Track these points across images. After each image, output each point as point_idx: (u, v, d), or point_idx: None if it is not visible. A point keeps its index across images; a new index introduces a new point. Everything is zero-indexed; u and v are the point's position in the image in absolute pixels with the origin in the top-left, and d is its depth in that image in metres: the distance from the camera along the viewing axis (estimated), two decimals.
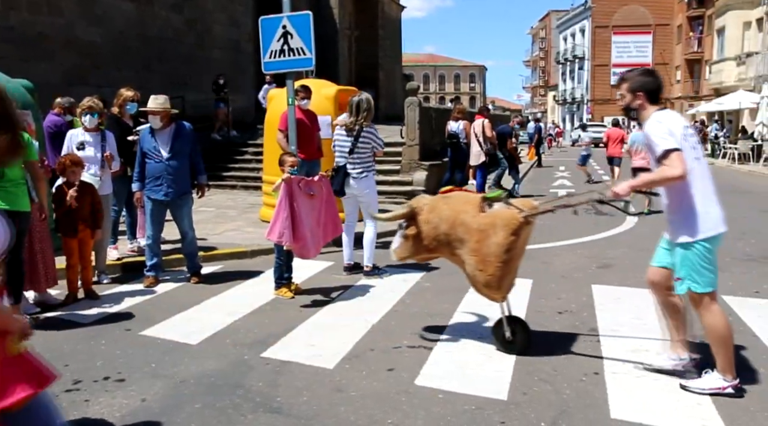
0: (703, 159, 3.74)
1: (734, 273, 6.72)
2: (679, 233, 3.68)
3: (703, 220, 3.60)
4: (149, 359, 4.28)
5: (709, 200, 3.64)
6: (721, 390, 3.60)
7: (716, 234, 3.63)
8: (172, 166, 6.04)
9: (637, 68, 3.99)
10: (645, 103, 3.73)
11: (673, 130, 3.53)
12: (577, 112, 54.70)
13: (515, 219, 4.08)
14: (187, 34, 17.96)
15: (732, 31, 33.77)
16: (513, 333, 4.37)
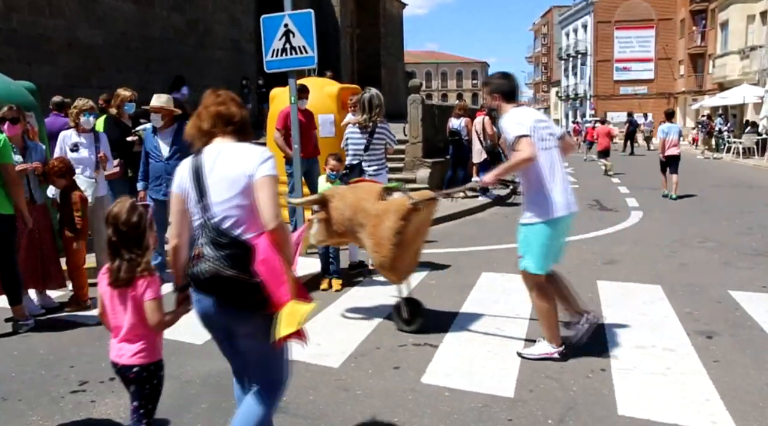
0: (554, 149, 4.09)
1: (741, 268, 6.69)
2: (524, 214, 4.11)
3: (546, 204, 3.98)
4: None
5: (553, 187, 3.99)
6: (548, 355, 4.12)
7: (556, 218, 3.99)
8: (172, 166, 5.97)
9: (497, 73, 4.42)
10: (501, 103, 4.19)
11: (522, 122, 3.95)
12: (580, 108, 54.52)
13: (404, 206, 4.44)
14: (189, 35, 17.95)
15: (736, 25, 33.58)
16: (411, 314, 4.77)
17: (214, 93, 2.74)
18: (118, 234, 2.59)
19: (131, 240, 2.58)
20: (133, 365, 2.62)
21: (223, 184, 2.49)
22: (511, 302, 5.48)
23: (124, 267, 2.57)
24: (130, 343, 2.63)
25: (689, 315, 5.06)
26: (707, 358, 4.12)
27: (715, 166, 21.88)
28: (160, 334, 2.71)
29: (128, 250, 2.58)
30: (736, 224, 9.42)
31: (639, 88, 50.64)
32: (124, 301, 2.61)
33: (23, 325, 4.94)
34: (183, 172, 2.62)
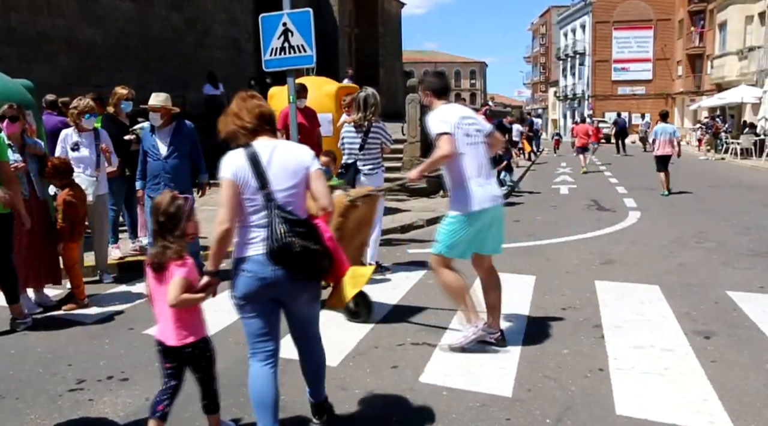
0: (480, 145, 4.26)
1: (738, 268, 6.70)
2: (449, 207, 4.32)
3: (467, 198, 4.15)
4: (153, 358, 4.23)
5: (473, 181, 4.17)
6: (474, 336, 4.24)
7: (476, 210, 4.15)
8: (170, 165, 5.98)
9: (431, 71, 4.68)
10: (432, 99, 4.42)
11: (447, 119, 4.15)
12: (578, 108, 54.55)
13: (341, 203, 4.57)
14: (188, 34, 17.94)
15: (734, 26, 33.62)
16: (356, 304, 4.88)
17: (251, 95, 3.03)
18: (158, 223, 2.88)
19: (167, 228, 2.85)
20: (183, 346, 2.87)
21: (285, 174, 2.87)
22: (509, 301, 5.44)
23: (158, 252, 2.86)
24: (173, 325, 2.87)
25: (687, 315, 5.06)
26: (705, 359, 4.12)
27: (715, 166, 21.91)
28: (199, 312, 2.95)
29: (163, 238, 2.86)
30: (734, 224, 9.44)
31: (637, 88, 50.72)
32: (163, 285, 2.86)
33: (21, 323, 4.93)
34: (237, 162, 2.84)
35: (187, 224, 2.90)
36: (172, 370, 2.93)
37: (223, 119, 2.98)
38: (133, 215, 7.27)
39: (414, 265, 6.89)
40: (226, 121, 2.96)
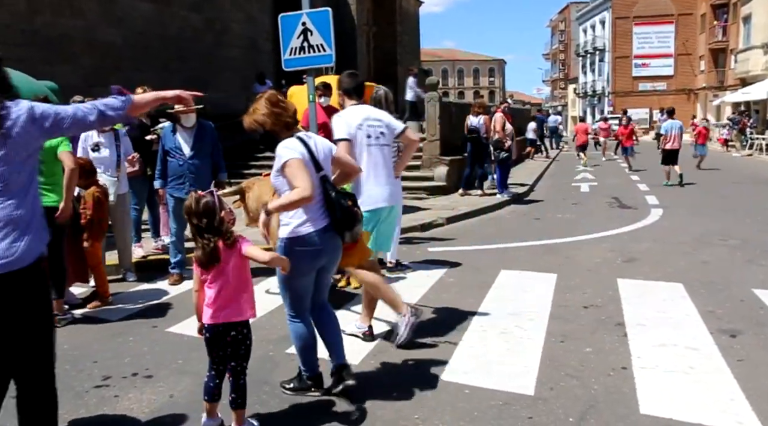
0: (384, 147, 4.49)
1: (764, 266, 6.59)
2: None
3: (362, 196, 4.30)
4: (176, 356, 4.31)
5: (370, 181, 4.38)
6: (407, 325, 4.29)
7: (372, 209, 4.34)
8: (194, 165, 6.06)
9: (345, 72, 4.83)
10: (345, 99, 4.67)
11: (349, 122, 4.37)
12: (598, 105, 54.09)
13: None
14: (206, 34, 18.06)
15: (759, 19, 33.06)
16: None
17: (284, 96, 3.57)
18: (195, 226, 3.06)
19: (205, 228, 3.03)
20: (229, 326, 3.08)
21: (326, 159, 3.49)
22: (530, 300, 5.45)
23: (203, 251, 3.03)
24: (226, 306, 3.07)
25: (711, 313, 5.00)
26: (731, 357, 4.07)
27: (740, 162, 21.57)
28: (252, 296, 3.18)
29: (202, 237, 3.04)
30: (759, 221, 9.29)
31: (658, 84, 50.11)
32: (223, 270, 3.05)
33: (62, 319, 5.03)
34: (300, 147, 3.35)
35: (222, 215, 3.06)
36: (218, 357, 3.13)
37: (269, 110, 3.39)
38: (155, 214, 7.35)
39: (434, 264, 6.88)
40: (272, 112, 3.39)
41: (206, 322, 3.10)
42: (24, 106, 2.49)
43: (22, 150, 2.48)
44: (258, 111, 3.41)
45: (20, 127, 2.45)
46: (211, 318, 3.08)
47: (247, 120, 3.44)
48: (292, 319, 3.55)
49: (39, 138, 2.54)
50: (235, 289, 3.09)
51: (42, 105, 2.56)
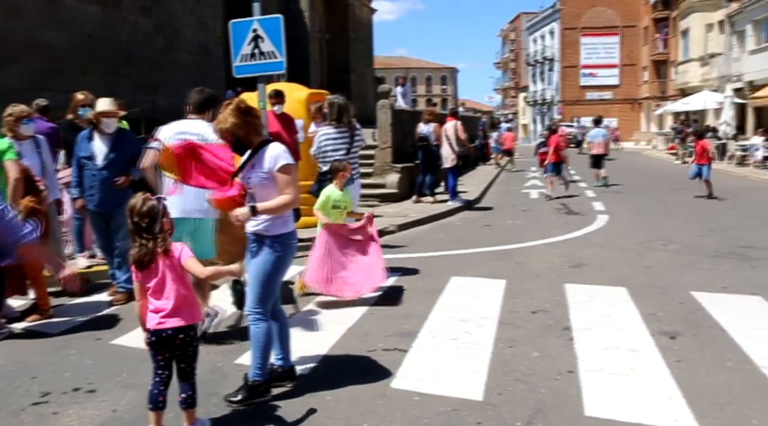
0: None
1: (701, 269, 6.85)
2: None
3: (169, 203, 4.34)
4: (121, 369, 4.20)
5: (179, 191, 4.46)
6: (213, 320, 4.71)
7: (176, 217, 4.33)
8: (106, 176, 5.67)
9: (195, 89, 5.00)
10: (189, 114, 4.81)
11: (164, 134, 4.62)
12: (547, 113, 55.28)
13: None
14: (156, 38, 17.74)
15: (696, 33, 34.49)
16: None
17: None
18: (134, 223, 3.08)
19: (143, 227, 3.07)
20: (178, 331, 3.09)
21: None
22: (480, 306, 5.52)
23: (140, 251, 3.06)
24: (171, 311, 3.10)
25: (653, 316, 5.16)
26: (670, 358, 4.21)
27: (681, 170, 22.35)
28: (197, 299, 3.27)
29: (140, 236, 3.07)
30: (697, 227, 9.65)
31: (605, 93, 51.59)
32: (160, 275, 3.09)
33: (0, 334, 4.83)
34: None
35: (162, 221, 3.11)
36: (164, 362, 3.14)
37: (241, 120, 3.50)
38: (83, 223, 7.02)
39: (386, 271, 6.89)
40: (245, 122, 3.51)
41: (152, 327, 3.10)
42: None
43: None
44: (229, 120, 3.49)
45: None
46: (157, 324, 3.09)
47: (221, 128, 3.54)
48: (261, 319, 3.61)
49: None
50: (178, 295, 3.11)
51: None
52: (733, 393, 3.67)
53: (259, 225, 3.58)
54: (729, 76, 28.95)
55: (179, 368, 3.17)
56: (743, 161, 21.92)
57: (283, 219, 3.60)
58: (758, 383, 3.81)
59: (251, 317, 3.64)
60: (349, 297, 5.61)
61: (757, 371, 3.98)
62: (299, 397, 3.71)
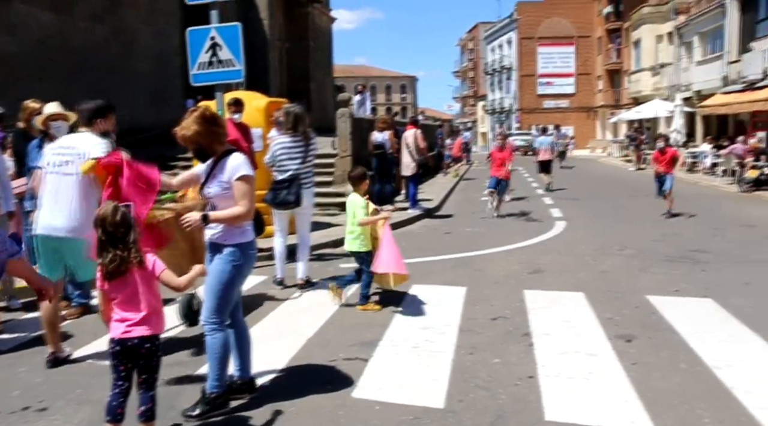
0: (64, 176, 4.41)
1: (656, 273, 7.03)
2: None
3: (35, 218, 4.54)
4: (75, 385, 4.08)
5: (43, 208, 4.46)
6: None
7: (36, 234, 4.46)
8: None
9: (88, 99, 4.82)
10: (81, 126, 4.70)
11: (48, 150, 4.61)
12: (506, 121, 56.10)
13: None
14: (111, 46, 17.40)
15: (647, 44, 35.53)
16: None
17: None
18: (106, 233, 3.01)
19: (117, 238, 3.01)
20: (144, 340, 3.06)
21: None
22: (440, 313, 5.55)
23: (114, 261, 3.00)
24: (139, 320, 3.06)
25: (610, 320, 5.27)
26: (627, 361, 4.30)
27: (636, 177, 22.93)
28: (162, 310, 3.20)
29: (115, 247, 3.01)
30: (652, 232, 9.91)
31: (561, 101, 52.66)
32: (132, 285, 3.05)
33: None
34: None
35: (137, 233, 3.11)
36: (125, 372, 3.09)
37: (204, 129, 3.48)
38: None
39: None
40: (208, 131, 3.49)
41: (117, 337, 3.06)
42: None
43: None
44: (192, 128, 3.47)
45: None
46: (123, 333, 3.05)
47: (183, 135, 3.51)
48: (218, 328, 3.57)
49: None
50: (149, 305, 3.10)
51: None
52: (686, 394, 3.77)
53: (216, 234, 3.54)
54: (678, 85, 29.87)
55: (141, 379, 3.12)
56: (693, 168, 22.61)
57: (241, 229, 3.57)
58: (709, 384, 3.92)
59: (207, 328, 3.58)
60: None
61: (709, 372, 4.09)
62: (259, 408, 3.66)
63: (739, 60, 22.65)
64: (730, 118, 24.79)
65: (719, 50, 25.79)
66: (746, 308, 5.48)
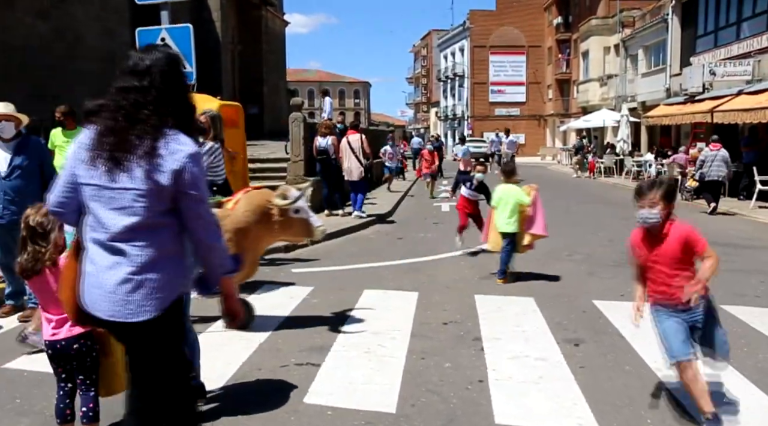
0: None
1: (603, 278, 7.22)
2: None
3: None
4: (13, 394, 3.92)
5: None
6: None
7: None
8: (9, 185, 5.33)
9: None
10: None
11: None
12: (458, 128, 56.75)
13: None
14: (56, 44, 16.84)
15: (594, 55, 36.54)
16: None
17: None
18: (28, 229, 3.05)
19: (38, 235, 3.04)
20: (72, 340, 3.03)
21: None
22: (392, 318, 5.56)
23: (29, 259, 3.04)
24: (64, 320, 3.03)
25: (559, 324, 5.38)
26: (575, 365, 4.40)
27: (583, 184, 23.51)
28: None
29: (33, 244, 3.04)
30: (599, 237, 10.17)
31: (512, 109, 53.59)
32: (49, 285, 3.03)
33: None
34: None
35: (57, 235, 3.09)
36: (65, 373, 3.11)
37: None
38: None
39: (297, 285, 6.82)
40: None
41: (47, 339, 3.08)
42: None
43: None
44: None
45: None
46: (51, 335, 3.07)
47: None
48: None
49: None
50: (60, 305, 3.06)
51: None
52: (630, 396, 3.88)
53: None
54: (624, 96, 30.82)
55: (79, 380, 3.12)
56: (638, 176, 23.34)
57: None
58: (653, 385, 4.04)
59: None
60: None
61: (653, 374, 4.22)
62: (209, 417, 3.59)
63: (680, 73, 23.50)
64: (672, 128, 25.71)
65: (662, 63, 26.73)
66: None
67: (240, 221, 4.65)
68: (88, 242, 2.38)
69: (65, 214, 2.47)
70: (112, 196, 2.29)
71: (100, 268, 2.32)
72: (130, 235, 2.30)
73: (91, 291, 2.33)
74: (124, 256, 2.30)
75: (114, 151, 2.28)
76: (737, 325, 5.24)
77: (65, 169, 2.43)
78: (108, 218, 2.30)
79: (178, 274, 2.41)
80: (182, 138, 2.36)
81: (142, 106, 2.31)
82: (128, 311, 2.29)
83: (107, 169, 2.29)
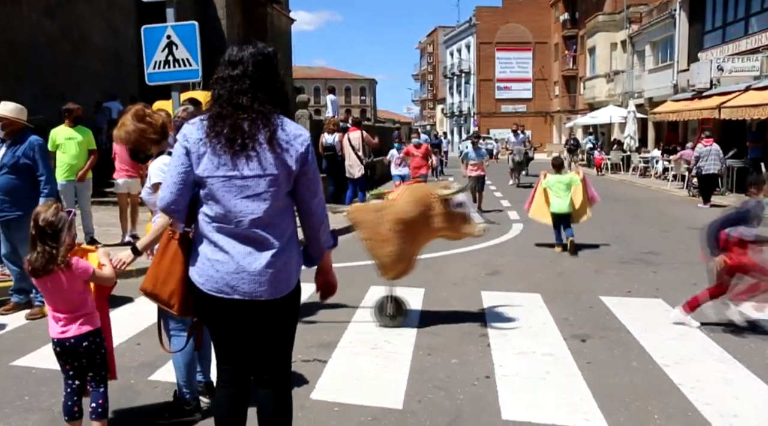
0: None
1: (609, 275, 7.20)
2: None
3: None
4: (22, 391, 3.95)
5: None
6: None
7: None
8: (5, 183, 5.34)
9: None
10: None
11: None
12: (464, 125, 56.67)
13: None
14: (62, 42, 16.90)
15: (601, 51, 36.36)
16: (396, 310, 5.23)
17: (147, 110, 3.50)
18: (37, 228, 2.99)
19: (47, 234, 2.98)
20: (81, 338, 3.04)
21: None
22: None
23: (39, 258, 2.96)
24: (73, 318, 3.04)
25: (566, 320, 5.37)
26: (581, 361, 4.39)
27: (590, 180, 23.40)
28: (95, 307, 3.16)
29: (43, 243, 2.97)
30: (606, 234, 10.13)
31: (519, 106, 53.46)
32: (59, 284, 3.00)
33: None
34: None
35: (69, 234, 3.05)
36: (73, 371, 3.10)
37: (135, 128, 3.34)
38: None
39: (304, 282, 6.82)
40: (139, 130, 3.34)
41: (55, 337, 3.06)
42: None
43: None
44: (125, 126, 3.38)
45: None
46: (60, 333, 3.05)
47: (117, 135, 3.44)
48: (184, 329, 3.42)
49: None
50: (78, 302, 3.08)
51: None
52: (637, 391, 3.87)
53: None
54: (631, 92, 30.68)
55: (89, 376, 3.12)
56: (645, 172, 23.24)
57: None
58: (659, 381, 4.03)
59: (173, 331, 3.50)
60: None
61: (659, 370, 4.21)
62: None
63: (687, 69, 23.37)
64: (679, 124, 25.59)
65: (669, 59, 26.58)
66: None
67: (402, 211, 4.74)
68: (209, 233, 2.42)
69: (180, 212, 2.47)
70: (245, 184, 2.34)
71: (236, 255, 2.38)
72: (266, 220, 2.39)
73: (224, 277, 2.39)
74: (264, 241, 2.41)
75: (232, 138, 2.32)
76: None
77: (174, 167, 2.42)
78: (241, 207, 2.35)
79: (299, 249, 2.60)
80: (293, 123, 2.48)
81: (242, 94, 2.37)
82: (275, 290, 2.45)
83: (232, 159, 2.33)
